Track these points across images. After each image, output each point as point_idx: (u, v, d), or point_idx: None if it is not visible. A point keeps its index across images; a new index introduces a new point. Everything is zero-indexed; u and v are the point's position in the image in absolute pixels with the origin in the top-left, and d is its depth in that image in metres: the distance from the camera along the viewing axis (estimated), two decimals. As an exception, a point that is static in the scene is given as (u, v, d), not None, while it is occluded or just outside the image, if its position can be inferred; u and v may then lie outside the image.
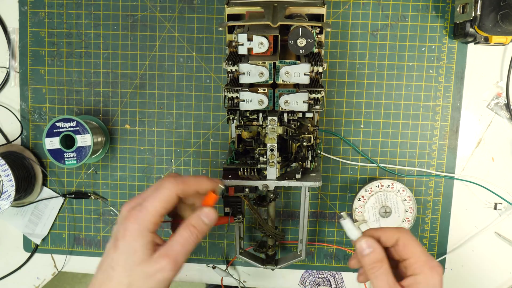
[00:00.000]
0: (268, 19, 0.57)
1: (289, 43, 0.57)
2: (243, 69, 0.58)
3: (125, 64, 0.78)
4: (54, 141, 0.72)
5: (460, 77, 0.76)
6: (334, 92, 0.77)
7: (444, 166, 0.77)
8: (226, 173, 0.64)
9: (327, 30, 0.74)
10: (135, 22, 0.77)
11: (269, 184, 0.63)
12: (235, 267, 0.82)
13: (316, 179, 0.64)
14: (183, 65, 0.77)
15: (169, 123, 0.79)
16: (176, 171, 0.79)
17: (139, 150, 0.80)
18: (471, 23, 0.69)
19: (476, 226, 0.79)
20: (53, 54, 0.78)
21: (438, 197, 0.78)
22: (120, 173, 0.80)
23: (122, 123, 0.79)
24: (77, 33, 0.78)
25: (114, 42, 0.78)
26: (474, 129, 0.77)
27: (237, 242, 0.74)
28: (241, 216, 0.70)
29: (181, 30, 0.77)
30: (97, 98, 0.79)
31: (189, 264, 0.82)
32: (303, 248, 0.74)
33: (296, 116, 0.63)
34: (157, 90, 0.78)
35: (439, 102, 0.76)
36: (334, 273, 0.81)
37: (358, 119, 0.77)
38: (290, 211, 0.80)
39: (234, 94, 0.59)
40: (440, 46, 0.75)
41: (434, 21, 0.75)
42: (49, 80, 0.79)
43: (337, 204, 0.79)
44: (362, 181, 0.78)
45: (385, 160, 0.78)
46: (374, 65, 0.76)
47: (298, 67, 0.58)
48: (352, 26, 0.75)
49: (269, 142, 0.60)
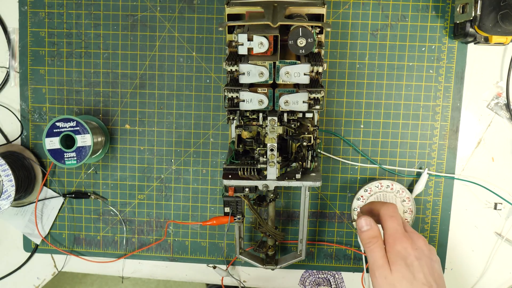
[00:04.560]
0: (268, 19, 0.57)
1: (289, 43, 0.57)
2: (243, 69, 0.58)
3: (125, 64, 0.78)
4: (54, 141, 0.72)
5: (460, 77, 0.76)
6: (334, 92, 0.77)
7: (444, 166, 0.77)
8: (226, 173, 0.64)
9: (327, 30, 0.74)
10: (135, 22, 0.77)
11: (269, 184, 0.63)
12: (235, 267, 0.82)
13: (316, 179, 0.64)
14: (183, 65, 0.78)
15: (169, 123, 0.79)
16: (176, 171, 0.79)
17: (139, 150, 0.80)
18: (471, 23, 0.69)
19: (476, 226, 0.79)
20: (53, 54, 0.78)
21: (438, 197, 0.78)
22: (120, 173, 0.80)
23: (122, 123, 0.79)
24: (77, 33, 0.78)
25: (114, 42, 0.78)
26: (474, 129, 0.77)
27: (237, 242, 0.74)
28: (241, 216, 0.70)
29: (181, 30, 0.77)
30: (97, 98, 0.79)
31: (189, 264, 0.82)
32: (303, 248, 0.74)
33: (296, 116, 0.63)
34: (157, 90, 0.78)
35: (439, 102, 0.76)
36: (334, 273, 0.81)
37: (358, 119, 0.77)
38: (290, 211, 0.80)
39: (234, 94, 0.59)
40: (440, 46, 0.75)
41: (434, 21, 0.75)
42: (49, 80, 0.79)
43: (337, 204, 0.79)
44: (362, 181, 0.78)
45: (385, 160, 0.78)
46: (374, 65, 0.76)
47: (298, 67, 0.58)
48: (352, 26, 0.75)
49: (269, 142, 0.60)
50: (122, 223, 0.81)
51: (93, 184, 0.81)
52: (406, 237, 0.59)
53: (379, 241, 0.59)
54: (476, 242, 0.79)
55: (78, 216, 0.82)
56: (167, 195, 0.80)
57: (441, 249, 0.79)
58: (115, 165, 0.80)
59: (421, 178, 0.76)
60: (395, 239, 0.58)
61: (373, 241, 0.59)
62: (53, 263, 0.84)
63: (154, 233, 0.81)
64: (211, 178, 0.80)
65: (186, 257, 0.82)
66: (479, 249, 0.79)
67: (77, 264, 0.83)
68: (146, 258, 0.82)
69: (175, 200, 0.80)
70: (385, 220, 0.60)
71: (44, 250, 0.83)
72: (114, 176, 0.80)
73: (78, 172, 0.81)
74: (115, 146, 0.80)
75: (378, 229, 0.60)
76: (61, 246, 0.83)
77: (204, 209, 0.81)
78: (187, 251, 0.82)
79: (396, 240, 0.58)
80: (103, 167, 0.80)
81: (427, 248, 0.60)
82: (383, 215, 0.61)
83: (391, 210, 0.61)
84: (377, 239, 0.59)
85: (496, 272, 0.79)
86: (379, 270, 0.57)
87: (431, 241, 0.79)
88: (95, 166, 0.80)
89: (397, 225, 0.60)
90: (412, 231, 0.62)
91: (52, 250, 0.83)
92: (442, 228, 0.79)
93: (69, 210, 0.82)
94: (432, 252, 0.61)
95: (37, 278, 0.84)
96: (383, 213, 0.61)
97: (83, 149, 0.72)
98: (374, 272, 0.58)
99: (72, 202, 0.81)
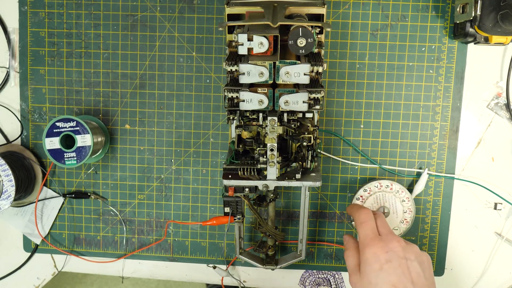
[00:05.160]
0: (268, 19, 0.57)
1: (289, 43, 0.57)
2: (243, 69, 0.58)
3: (125, 64, 0.78)
4: (54, 141, 0.72)
5: (460, 77, 0.76)
6: (334, 92, 0.77)
7: (444, 166, 0.77)
8: (226, 173, 0.64)
9: (327, 30, 0.74)
10: (135, 22, 0.77)
11: (269, 184, 0.63)
12: (235, 267, 0.82)
13: (316, 179, 0.64)
14: (183, 65, 0.78)
15: (169, 123, 0.79)
16: (176, 171, 0.79)
17: (139, 150, 0.80)
18: (471, 23, 0.69)
19: (476, 226, 0.79)
20: (53, 54, 0.78)
21: (438, 197, 0.78)
22: (120, 173, 0.80)
23: (122, 123, 0.79)
24: (77, 33, 0.78)
25: (114, 42, 0.78)
26: (474, 129, 0.77)
27: (237, 242, 0.74)
28: (241, 216, 0.70)
29: (181, 30, 0.77)
30: (97, 98, 0.79)
31: (189, 264, 0.82)
32: (303, 248, 0.74)
33: (296, 116, 0.63)
34: (157, 90, 0.78)
35: (439, 102, 0.76)
36: (334, 273, 0.81)
37: (358, 119, 0.77)
38: (290, 211, 0.80)
39: (234, 94, 0.59)
40: (440, 46, 0.75)
41: (434, 21, 0.75)
42: (49, 80, 0.79)
43: (337, 204, 0.79)
44: (362, 181, 0.78)
45: (385, 160, 0.78)
46: (374, 65, 0.76)
47: (298, 67, 0.58)
48: (352, 26, 0.75)
49: (269, 142, 0.60)
50: (122, 223, 0.81)
51: (93, 184, 0.81)
52: (376, 241, 0.62)
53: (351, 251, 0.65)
54: (476, 242, 0.79)
55: (78, 216, 0.82)
56: (167, 195, 0.80)
57: (441, 249, 0.79)
58: (115, 165, 0.80)
59: (421, 178, 0.76)
60: (364, 246, 0.62)
61: (346, 253, 0.66)
62: (53, 263, 0.84)
63: (154, 233, 0.82)
64: (211, 178, 0.80)
65: (186, 257, 0.82)
66: (479, 249, 0.79)
67: (77, 264, 0.83)
68: (146, 258, 0.82)
69: (175, 200, 0.80)
70: (357, 227, 0.65)
71: (44, 250, 0.83)
72: (114, 176, 0.80)
73: (78, 172, 0.81)
74: (115, 146, 0.80)
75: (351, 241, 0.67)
76: (61, 246, 0.83)
77: (204, 209, 0.81)
78: (187, 251, 0.82)
79: (365, 247, 0.62)
80: (103, 167, 0.80)
81: (401, 248, 0.61)
82: (355, 223, 0.66)
83: (363, 216, 0.65)
84: (349, 250, 0.66)
85: (496, 272, 0.79)
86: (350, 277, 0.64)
87: (431, 241, 0.79)
88: (95, 166, 0.80)
89: (367, 230, 0.63)
90: (387, 233, 0.63)
91: (52, 250, 0.83)
92: (442, 228, 0.79)
93: (69, 210, 0.82)
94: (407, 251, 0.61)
95: (37, 278, 0.84)
96: (355, 220, 0.66)
97: (83, 149, 0.72)
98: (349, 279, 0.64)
99: (72, 202, 0.82)
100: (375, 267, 0.60)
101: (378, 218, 0.66)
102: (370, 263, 0.61)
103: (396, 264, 0.60)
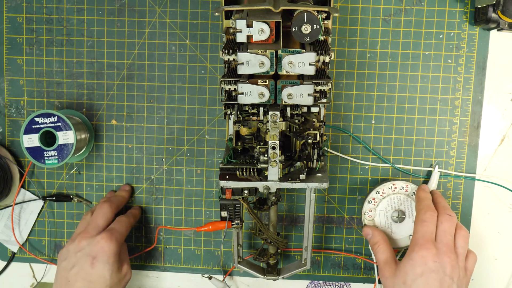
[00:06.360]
0: (269, 3, 0.57)
1: (293, 30, 0.57)
2: (242, 59, 0.58)
3: (111, 53, 0.78)
4: (33, 138, 0.72)
5: (482, 68, 0.76)
6: (343, 84, 0.77)
7: (464, 165, 0.77)
8: (223, 173, 0.64)
9: (334, 15, 0.73)
10: (122, 6, 0.77)
11: (271, 186, 0.63)
12: (233, 277, 0.82)
13: (322, 180, 0.64)
14: (176, 54, 0.78)
15: (160, 118, 0.79)
16: (168, 172, 0.80)
17: (126, 148, 0.80)
18: (494, 8, 0.69)
19: (499, 232, 0.79)
20: (31, 42, 0.78)
21: (458, 200, 0.78)
22: (106, 173, 0.80)
23: (108, 118, 0.79)
24: (58, 19, 0.78)
25: (99, 28, 0.78)
26: (497, 125, 0.77)
27: (235, 250, 0.75)
28: (240, 221, 0.70)
29: (173, 16, 0.77)
30: (80, 90, 0.79)
31: (182, 274, 0.82)
32: (308, 256, 0.74)
33: (300, 110, 0.63)
34: (146, 82, 0.78)
35: (459, 95, 0.76)
36: (342, 284, 0.82)
37: (369, 114, 0.77)
38: (293, 216, 0.80)
39: (232, 86, 0.60)
40: (460, 33, 0.75)
41: (453, 5, 0.75)
42: (27, 71, 0.79)
43: (346, 207, 0.79)
44: (373, 182, 0.78)
45: (399, 159, 0.78)
46: (386, 54, 0.76)
47: (302, 56, 0.58)
48: (362, 11, 0.75)
49: (270, 139, 0.60)
50: (108, 229, 0.82)
51: (76, 185, 0.81)
52: (430, 245, 0.64)
53: (381, 246, 0.71)
54: (499, 250, 0.79)
55: (60, 221, 0.82)
56: (158, 198, 0.81)
57: (460, 258, 0.79)
58: (100, 165, 0.80)
59: (432, 177, 0.76)
60: (415, 245, 0.65)
61: (375, 247, 0.71)
62: (31, 273, 0.84)
63: (143, 240, 0.82)
64: (206, 179, 0.80)
65: (178, 266, 0.82)
66: (503, 257, 0.79)
67: (59, 274, 0.83)
68: (135, 268, 0.82)
69: (166, 203, 0.81)
70: (417, 223, 0.68)
71: (22, 259, 0.83)
72: (99, 177, 0.81)
73: (59, 173, 0.81)
74: (100, 143, 0.80)
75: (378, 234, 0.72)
76: (41, 254, 0.83)
77: (199, 214, 0.81)
78: (180, 260, 0.82)
79: (416, 246, 0.65)
80: (87, 167, 0.81)
81: (450, 266, 0.63)
82: (415, 218, 0.69)
83: (427, 216, 0.67)
84: (378, 245, 0.71)
85: (521, 283, 0.80)
86: (382, 270, 0.69)
87: (450, 248, 0.79)
88: (78, 166, 0.81)
89: (425, 231, 0.66)
90: (445, 244, 0.65)
91: (31, 259, 0.83)
92: (461, 234, 0.79)
93: (49, 214, 0.82)
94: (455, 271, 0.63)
95: (15, 289, 0.85)
96: (416, 216, 0.69)
97: (65, 147, 0.72)
98: (380, 272, 0.70)
99: (52, 206, 0.82)
100: (417, 271, 0.63)
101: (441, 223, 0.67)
102: (414, 265, 0.63)
103: (438, 277, 0.62)
